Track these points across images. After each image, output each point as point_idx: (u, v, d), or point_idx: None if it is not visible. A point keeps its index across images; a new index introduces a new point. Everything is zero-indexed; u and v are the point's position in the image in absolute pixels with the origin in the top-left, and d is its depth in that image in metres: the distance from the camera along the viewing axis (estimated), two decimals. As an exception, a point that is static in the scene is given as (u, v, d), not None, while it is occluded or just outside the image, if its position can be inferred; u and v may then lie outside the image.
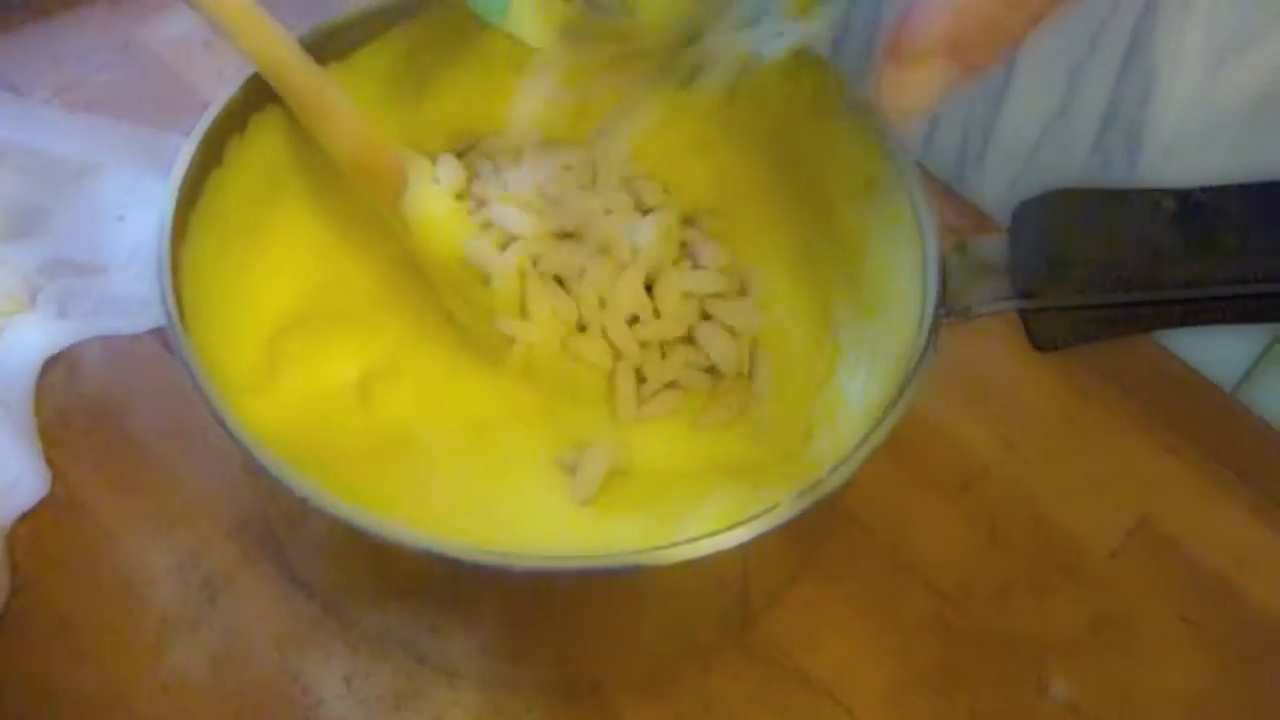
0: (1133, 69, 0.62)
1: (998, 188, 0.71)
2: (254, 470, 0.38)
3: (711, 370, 0.47)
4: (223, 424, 0.38)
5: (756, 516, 0.37)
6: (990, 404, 0.56)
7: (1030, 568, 0.51)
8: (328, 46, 0.48)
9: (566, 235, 0.47)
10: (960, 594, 0.50)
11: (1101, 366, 0.57)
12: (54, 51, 0.64)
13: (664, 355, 0.47)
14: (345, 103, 0.46)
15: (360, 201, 0.48)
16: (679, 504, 0.43)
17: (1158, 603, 0.51)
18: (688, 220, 0.51)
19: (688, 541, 0.37)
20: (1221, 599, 0.51)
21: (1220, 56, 0.60)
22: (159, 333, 0.52)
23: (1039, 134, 0.68)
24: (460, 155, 0.50)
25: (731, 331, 0.48)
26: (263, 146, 0.46)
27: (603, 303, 0.46)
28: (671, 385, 0.47)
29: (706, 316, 0.49)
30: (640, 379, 0.46)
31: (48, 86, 0.63)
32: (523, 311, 0.46)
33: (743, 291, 0.49)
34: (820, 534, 0.49)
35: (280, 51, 0.45)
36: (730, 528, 0.37)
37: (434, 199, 0.46)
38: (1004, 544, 0.52)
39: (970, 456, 0.54)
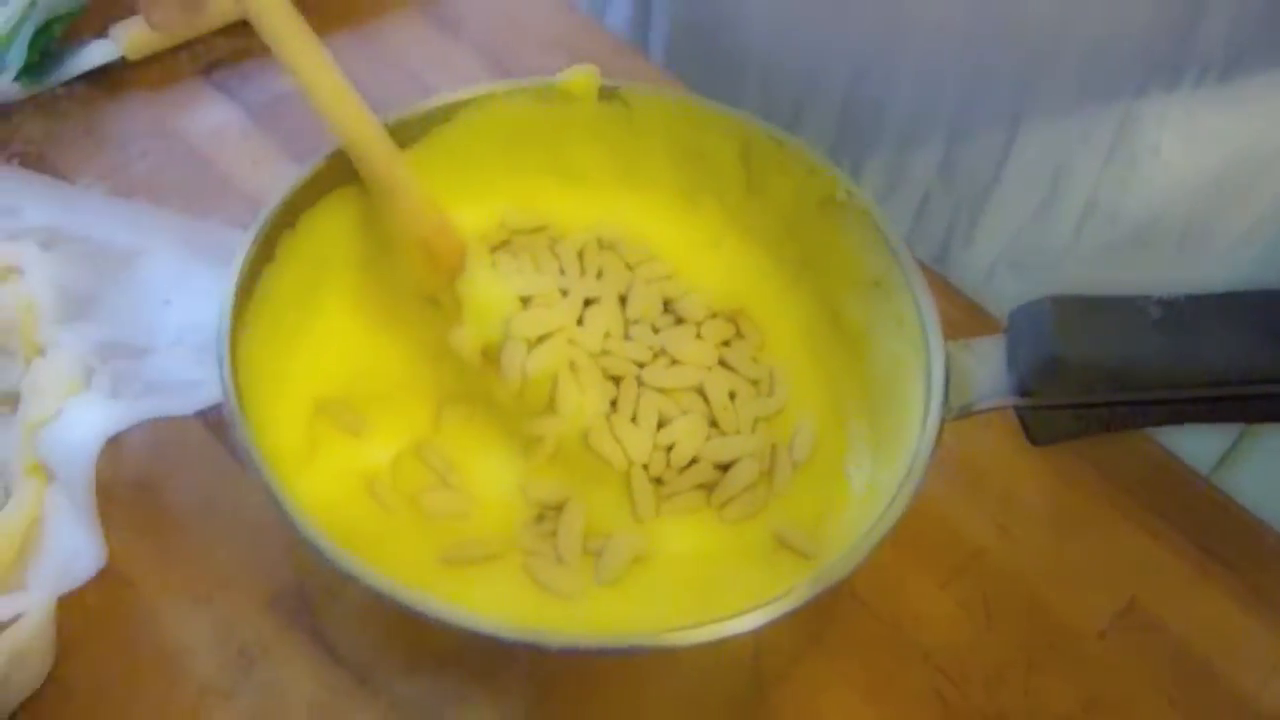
0: (1115, 164, 0.67)
1: (979, 268, 0.75)
2: (303, 547, 0.41)
3: (729, 466, 0.50)
4: (279, 505, 0.40)
5: (770, 602, 0.40)
6: (985, 491, 0.59)
7: (1024, 648, 0.54)
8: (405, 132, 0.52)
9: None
10: (957, 672, 0.53)
11: (1091, 456, 0.60)
12: (98, 139, 0.68)
13: (686, 465, 0.49)
14: (417, 185, 0.50)
15: (406, 286, 0.51)
16: (698, 588, 0.46)
17: (1146, 684, 0.54)
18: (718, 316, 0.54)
19: (709, 623, 0.40)
20: (1206, 682, 0.54)
21: (1189, 147, 0.65)
22: (199, 413, 0.54)
23: (1026, 220, 0.72)
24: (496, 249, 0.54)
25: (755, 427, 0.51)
26: (311, 242, 0.49)
27: (634, 417, 0.49)
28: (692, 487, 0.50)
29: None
30: (658, 481, 0.49)
31: (91, 172, 0.66)
32: (550, 405, 0.49)
33: (770, 390, 0.52)
34: (827, 615, 0.52)
35: (367, 132, 0.49)
36: (745, 612, 0.40)
37: (490, 281, 0.49)
38: (998, 625, 0.54)
39: (966, 540, 0.57)
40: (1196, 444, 0.63)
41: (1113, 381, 0.44)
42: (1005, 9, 0.64)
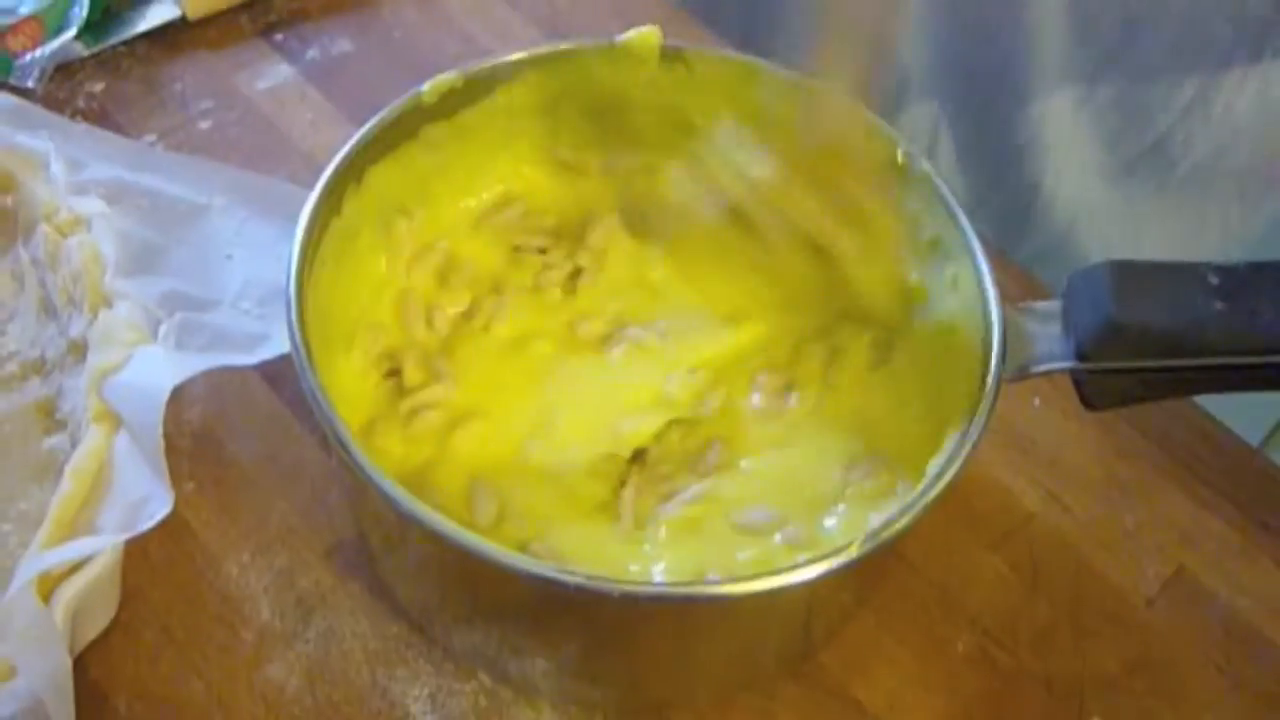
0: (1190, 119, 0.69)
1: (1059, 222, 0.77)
2: (368, 494, 0.41)
3: None
4: (349, 452, 0.41)
5: (823, 557, 0.41)
6: (1034, 457, 0.59)
7: (1071, 612, 0.54)
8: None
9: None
10: (1005, 634, 0.53)
11: (1140, 424, 0.60)
12: (159, 97, 0.69)
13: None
14: None
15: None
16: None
17: (1192, 649, 0.54)
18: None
19: (764, 575, 0.41)
20: (1253, 647, 0.54)
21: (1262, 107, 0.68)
22: (258, 365, 0.55)
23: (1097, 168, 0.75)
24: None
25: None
26: (375, 196, 0.50)
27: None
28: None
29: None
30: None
31: (154, 130, 0.67)
32: None
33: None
34: (877, 576, 0.52)
35: None
36: (800, 566, 0.41)
37: None
38: (1046, 589, 0.55)
39: (1015, 506, 0.57)
40: (1246, 416, 0.63)
41: (1169, 347, 0.44)
42: None
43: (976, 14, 0.71)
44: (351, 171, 0.49)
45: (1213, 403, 0.62)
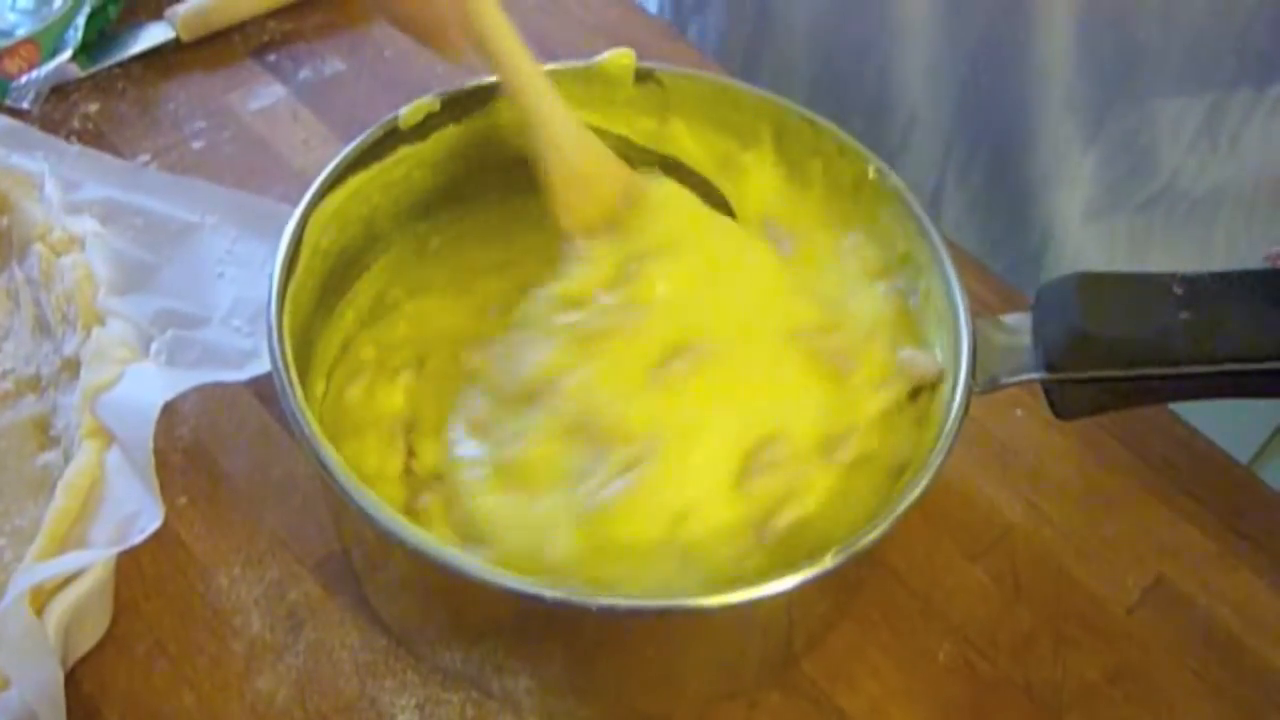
0: (1196, 150, 0.72)
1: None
2: (347, 511, 0.42)
3: None
4: (328, 470, 0.42)
5: (800, 568, 0.41)
6: (1015, 469, 0.60)
7: (1052, 621, 0.55)
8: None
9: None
10: (986, 643, 0.54)
11: (1120, 435, 0.61)
12: (153, 118, 0.70)
13: None
14: (570, 115, 0.52)
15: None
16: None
17: (1171, 657, 0.54)
18: None
19: (742, 587, 0.41)
20: (1231, 655, 0.55)
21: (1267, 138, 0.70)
22: (249, 381, 0.56)
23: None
24: None
25: None
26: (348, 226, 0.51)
27: None
28: None
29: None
30: None
31: (148, 150, 0.68)
32: None
33: None
34: (858, 585, 0.53)
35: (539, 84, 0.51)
36: (777, 578, 0.41)
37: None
38: (1027, 598, 0.56)
39: (996, 516, 0.58)
40: (1234, 436, 0.64)
41: (1136, 357, 0.45)
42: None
43: (985, 51, 0.72)
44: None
45: (1201, 423, 0.62)
